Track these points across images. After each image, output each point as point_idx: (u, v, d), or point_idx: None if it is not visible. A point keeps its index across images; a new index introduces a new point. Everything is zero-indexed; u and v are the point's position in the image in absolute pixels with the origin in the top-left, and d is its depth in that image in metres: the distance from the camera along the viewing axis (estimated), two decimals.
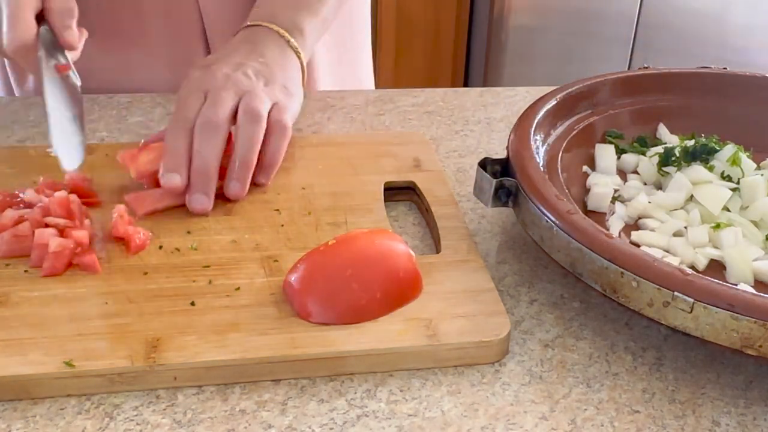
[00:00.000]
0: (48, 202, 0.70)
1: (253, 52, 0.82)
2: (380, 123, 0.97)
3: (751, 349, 0.58)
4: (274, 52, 0.83)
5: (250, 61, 0.81)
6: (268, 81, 0.80)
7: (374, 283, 0.64)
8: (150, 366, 0.59)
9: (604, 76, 0.88)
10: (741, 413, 0.61)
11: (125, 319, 0.63)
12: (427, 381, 0.62)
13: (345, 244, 0.66)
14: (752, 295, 0.59)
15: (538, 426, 0.59)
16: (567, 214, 0.66)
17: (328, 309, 0.63)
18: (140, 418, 0.58)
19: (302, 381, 0.61)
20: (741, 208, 0.77)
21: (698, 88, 0.90)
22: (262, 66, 0.81)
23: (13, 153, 0.84)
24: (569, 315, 0.69)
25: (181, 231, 0.73)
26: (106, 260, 0.69)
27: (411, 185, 0.82)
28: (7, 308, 0.63)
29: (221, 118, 0.75)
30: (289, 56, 0.84)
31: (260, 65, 0.81)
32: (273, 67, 0.82)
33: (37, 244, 0.67)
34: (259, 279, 0.68)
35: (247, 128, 0.76)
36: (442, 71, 2.72)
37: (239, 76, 0.78)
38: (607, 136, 0.87)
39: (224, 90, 0.77)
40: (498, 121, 0.99)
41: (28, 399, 0.58)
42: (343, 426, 0.58)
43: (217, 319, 0.63)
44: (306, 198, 0.78)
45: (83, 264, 0.67)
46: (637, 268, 0.61)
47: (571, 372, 0.64)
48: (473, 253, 0.72)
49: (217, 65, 0.80)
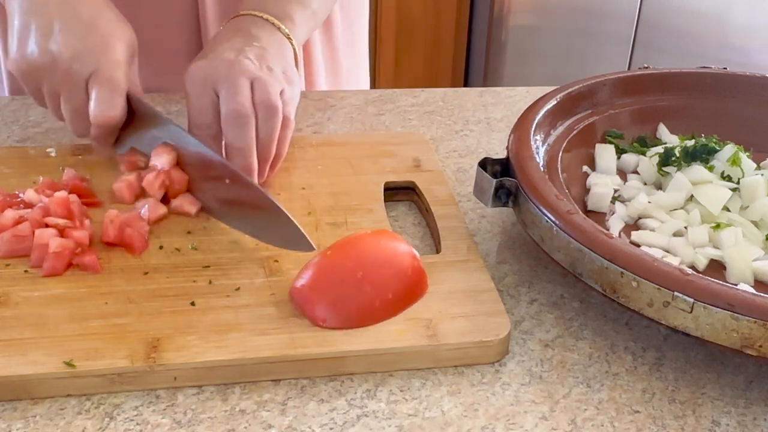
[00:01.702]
0: (48, 202, 0.70)
1: (248, 38, 0.81)
2: (380, 123, 0.97)
3: (751, 349, 0.58)
4: (268, 38, 0.82)
5: (247, 47, 0.79)
6: (269, 66, 0.79)
7: (385, 283, 0.64)
8: (150, 366, 0.59)
9: (604, 76, 0.88)
10: (741, 413, 0.61)
11: (125, 319, 0.63)
12: (427, 381, 0.62)
13: (351, 247, 0.66)
14: (752, 295, 0.59)
15: (538, 426, 0.59)
16: (567, 214, 0.66)
17: (342, 313, 0.63)
18: (140, 418, 0.58)
19: (302, 381, 0.61)
20: (741, 208, 0.77)
21: (698, 88, 0.90)
22: (260, 50, 0.79)
23: (13, 153, 0.84)
24: (569, 315, 0.69)
25: (181, 231, 0.73)
26: (106, 260, 0.69)
27: (411, 185, 0.82)
28: (7, 308, 0.63)
29: (247, 106, 0.74)
30: (282, 42, 0.83)
31: (258, 50, 0.79)
32: (270, 51, 0.80)
33: (37, 245, 0.67)
34: (259, 279, 0.68)
35: (266, 123, 0.75)
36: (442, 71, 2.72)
37: (243, 61, 0.77)
38: (607, 136, 0.87)
39: (236, 77, 0.75)
40: (498, 121, 0.99)
41: (28, 399, 0.58)
42: (343, 426, 0.58)
43: (217, 319, 0.63)
44: (306, 198, 0.78)
45: (83, 264, 0.67)
46: (637, 268, 0.61)
47: (571, 372, 0.64)
48: (473, 253, 0.72)
49: (216, 54, 0.78)
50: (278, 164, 0.79)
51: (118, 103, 0.75)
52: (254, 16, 0.83)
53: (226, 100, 0.74)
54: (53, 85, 0.75)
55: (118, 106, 0.75)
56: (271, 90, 0.76)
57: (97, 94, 0.74)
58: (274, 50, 0.81)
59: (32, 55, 0.74)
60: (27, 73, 0.76)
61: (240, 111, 0.73)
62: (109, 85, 0.74)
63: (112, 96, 0.74)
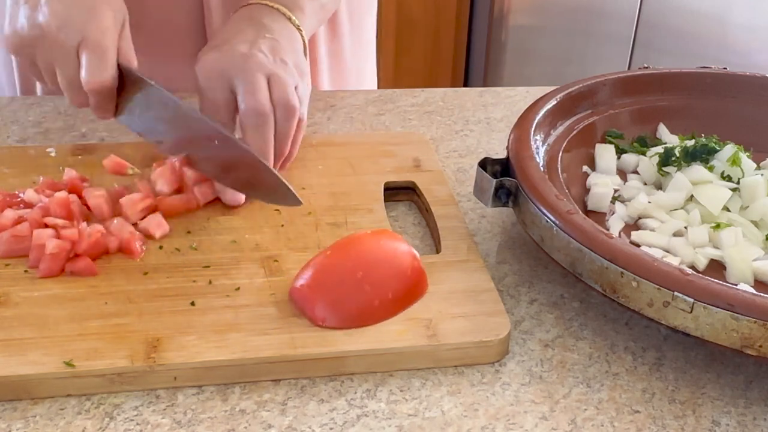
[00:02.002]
0: (48, 203, 0.70)
1: (260, 28, 0.80)
2: (380, 123, 0.97)
3: (751, 349, 0.58)
4: (280, 29, 0.81)
5: (260, 38, 0.79)
6: (282, 59, 0.78)
7: (385, 283, 0.64)
8: (150, 366, 0.59)
9: (604, 76, 0.88)
10: (741, 413, 0.61)
11: (125, 319, 0.63)
12: (427, 381, 0.62)
13: (351, 247, 0.66)
14: (752, 295, 0.59)
15: (538, 426, 0.59)
16: (567, 214, 0.66)
17: (342, 312, 0.63)
18: (140, 418, 0.58)
19: (302, 381, 0.61)
20: (741, 208, 0.77)
21: (698, 88, 0.90)
22: (273, 42, 0.79)
23: (13, 153, 0.84)
24: (569, 315, 0.69)
25: (181, 231, 0.73)
26: (105, 260, 0.69)
27: (411, 185, 0.82)
28: (7, 308, 0.63)
29: (267, 106, 0.74)
30: (293, 33, 0.83)
31: (271, 41, 0.79)
32: (282, 43, 0.80)
33: (35, 245, 0.67)
34: (259, 279, 0.68)
35: (285, 123, 0.75)
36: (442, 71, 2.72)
37: (257, 55, 0.76)
38: (607, 136, 0.87)
39: (252, 73, 0.75)
40: (498, 121, 0.99)
41: (28, 399, 0.58)
42: (343, 426, 0.58)
43: (217, 319, 0.63)
44: (306, 198, 0.78)
45: (77, 270, 0.67)
46: (637, 268, 0.61)
47: (571, 372, 0.64)
48: (473, 253, 0.72)
49: (229, 45, 0.77)
50: (288, 164, 0.79)
51: (108, 68, 0.74)
52: (265, 6, 0.83)
53: (245, 98, 0.74)
54: (46, 58, 0.75)
55: (107, 70, 0.74)
56: (289, 89, 0.76)
57: (86, 61, 0.73)
58: (285, 42, 0.80)
59: (23, 30, 0.74)
60: (20, 47, 0.76)
61: (260, 110, 0.74)
62: (98, 51, 0.73)
63: (101, 61, 0.73)
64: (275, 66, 0.76)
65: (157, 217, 0.72)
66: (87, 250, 0.68)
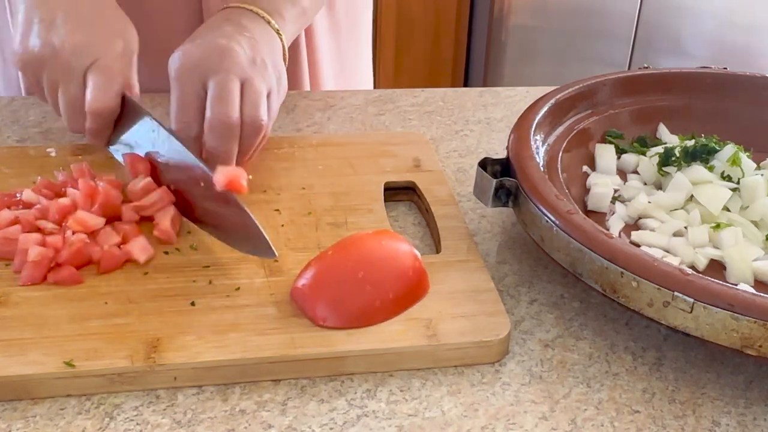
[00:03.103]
0: (48, 205, 0.70)
1: (239, 27, 0.79)
2: (380, 123, 0.97)
3: (751, 349, 0.58)
4: (259, 31, 0.81)
5: (238, 35, 0.78)
6: (263, 59, 0.78)
7: (386, 283, 0.64)
8: (150, 366, 0.59)
9: (604, 76, 0.88)
10: (741, 413, 0.61)
11: (125, 319, 0.63)
12: (427, 381, 0.62)
13: (352, 247, 0.66)
14: (752, 295, 0.59)
15: (538, 426, 0.59)
16: (567, 214, 0.66)
17: (343, 313, 0.63)
18: (140, 418, 0.58)
19: (302, 381, 0.61)
20: (741, 208, 0.77)
21: (698, 88, 0.90)
22: (251, 41, 0.78)
23: (13, 153, 0.84)
24: (569, 315, 0.69)
25: (181, 231, 0.73)
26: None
27: (411, 185, 0.82)
28: (7, 308, 0.63)
29: (234, 118, 0.73)
30: (272, 35, 0.82)
31: (250, 39, 0.78)
32: (260, 43, 0.79)
33: (20, 250, 0.66)
34: (259, 279, 0.68)
35: (250, 139, 0.75)
36: (442, 71, 2.72)
37: (234, 49, 0.75)
38: (607, 136, 0.87)
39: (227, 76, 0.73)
40: (498, 121, 0.99)
41: (28, 399, 0.58)
42: (343, 426, 0.58)
43: (217, 319, 0.63)
44: (306, 198, 0.78)
45: (60, 279, 0.65)
46: (637, 268, 0.61)
47: (571, 372, 0.64)
48: (473, 253, 0.72)
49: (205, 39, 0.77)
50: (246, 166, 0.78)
51: (114, 93, 0.75)
52: (244, 9, 0.82)
53: (215, 104, 0.73)
54: (52, 77, 0.76)
55: (113, 95, 0.75)
56: (261, 101, 0.75)
57: (93, 83, 0.74)
58: (264, 43, 0.80)
59: (34, 48, 0.75)
60: (28, 64, 0.76)
61: (226, 122, 0.73)
62: (107, 74, 0.75)
63: (109, 85, 0.75)
64: (252, 69, 0.76)
65: (141, 241, 0.69)
66: (68, 260, 0.66)
